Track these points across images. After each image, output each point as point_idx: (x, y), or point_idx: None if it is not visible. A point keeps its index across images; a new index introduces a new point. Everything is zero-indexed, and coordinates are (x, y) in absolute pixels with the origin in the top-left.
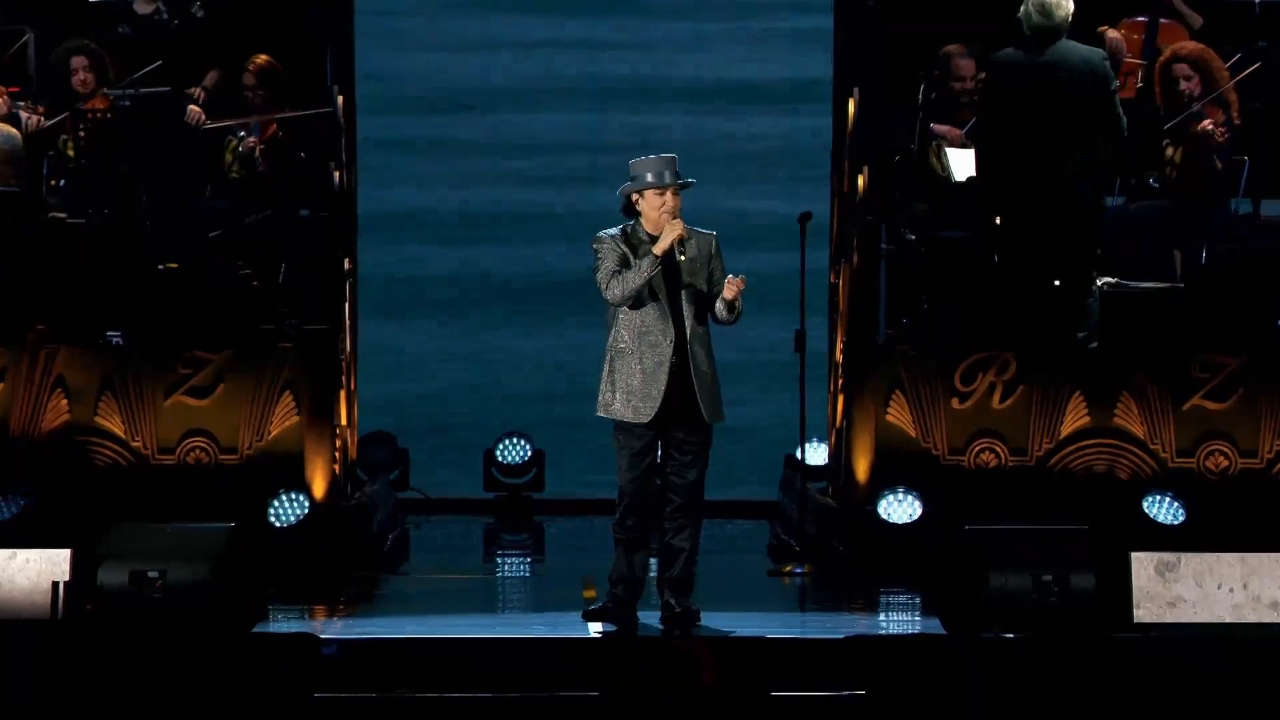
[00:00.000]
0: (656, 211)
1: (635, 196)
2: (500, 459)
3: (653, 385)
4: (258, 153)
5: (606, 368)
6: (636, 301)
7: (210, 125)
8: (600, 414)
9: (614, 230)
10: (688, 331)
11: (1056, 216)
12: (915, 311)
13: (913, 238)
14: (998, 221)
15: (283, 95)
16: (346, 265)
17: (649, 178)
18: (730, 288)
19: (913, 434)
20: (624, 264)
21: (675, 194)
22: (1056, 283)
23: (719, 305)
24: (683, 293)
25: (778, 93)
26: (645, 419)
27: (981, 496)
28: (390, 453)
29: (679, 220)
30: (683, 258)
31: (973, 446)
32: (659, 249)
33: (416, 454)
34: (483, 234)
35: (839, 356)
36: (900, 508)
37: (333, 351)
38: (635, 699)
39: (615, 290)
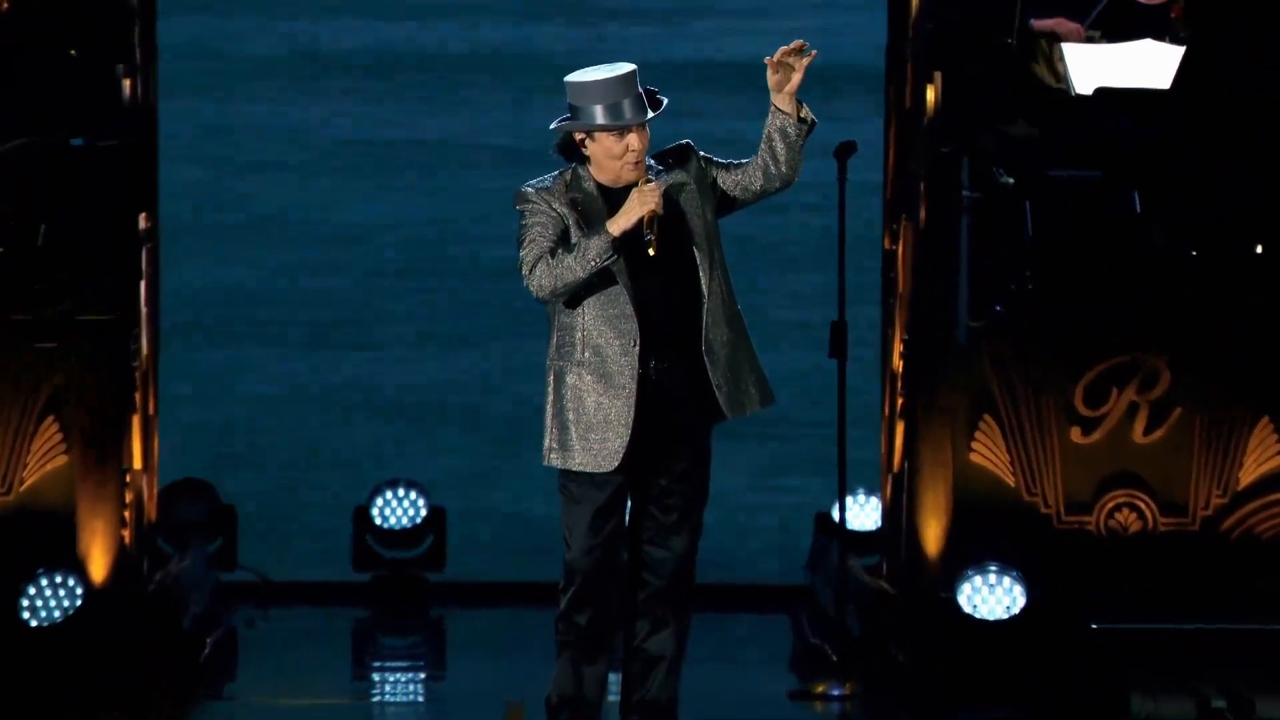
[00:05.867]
0: (616, 161)
1: (580, 136)
2: (379, 520)
3: (618, 413)
4: None
5: (550, 392)
6: (583, 292)
7: None
8: (548, 463)
9: (546, 180)
10: (704, 305)
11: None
12: (1014, 293)
13: (1010, 180)
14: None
15: None
16: (143, 222)
17: (599, 114)
18: (796, 68)
19: (1011, 481)
20: (560, 235)
21: (641, 131)
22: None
23: (774, 145)
24: (657, 274)
25: None
26: (610, 465)
27: (1118, 577)
28: (208, 511)
29: (653, 185)
30: (652, 250)
31: (1104, 501)
32: (616, 227)
33: (249, 513)
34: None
35: (898, 363)
36: (992, 596)
37: (122, 355)
38: None
39: (542, 279)
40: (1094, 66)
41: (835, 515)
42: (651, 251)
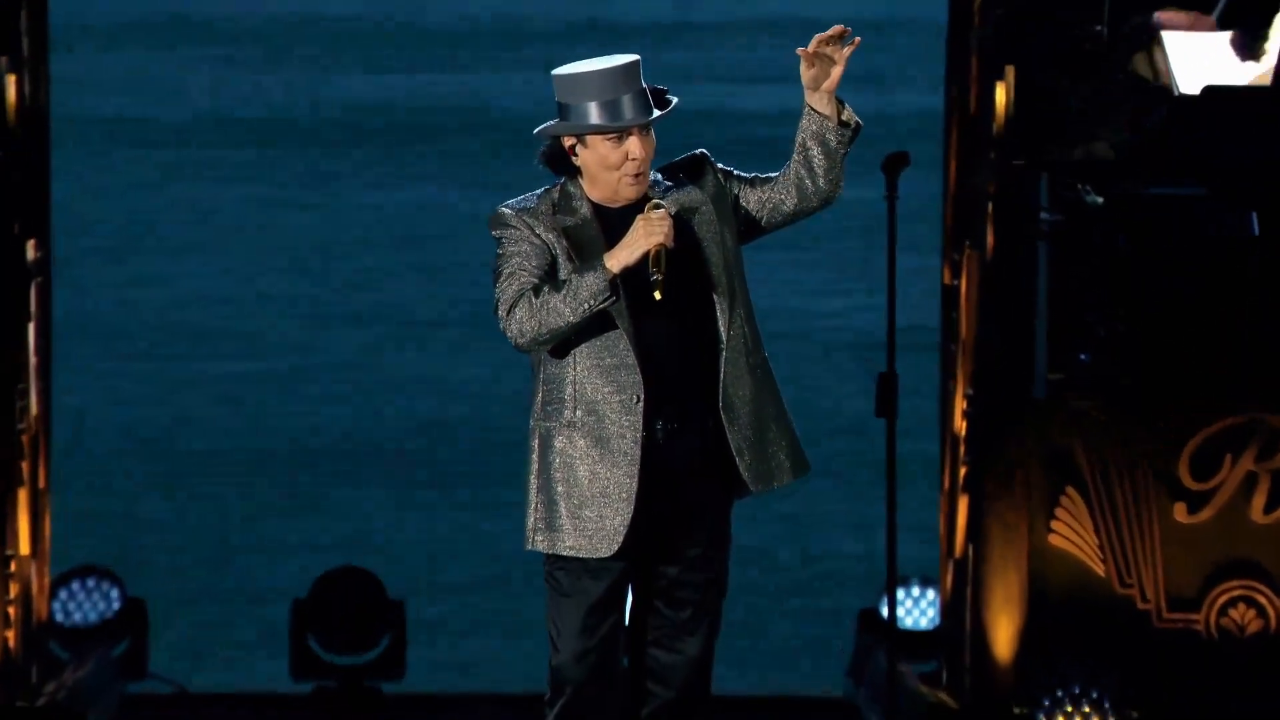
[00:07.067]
0: (613, 172)
1: (570, 141)
2: (322, 619)
3: (617, 485)
4: None
5: (535, 460)
6: (574, 338)
7: None
8: (532, 546)
9: (530, 199)
10: (723, 353)
11: None
12: (1103, 338)
13: (1099, 200)
14: None
15: None
16: (32, 251)
17: (593, 113)
18: (836, 60)
19: (1100, 569)
20: (545, 267)
21: (644, 135)
22: None
23: (809, 154)
24: (665, 315)
25: None
26: (608, 549)
27: (1232, 687)
28: (113, 607)
29: (662, 212)
30: (658, 294)
31: (1215, 595)
32: (616, 263)
33: (161, 608)
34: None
35: (960, 423)
36: (1079, 710)
37: (5, 415)
38: None
39: (524, 322)
40: (1202, 60)
41: (883, 611)
42: (658, 295)
